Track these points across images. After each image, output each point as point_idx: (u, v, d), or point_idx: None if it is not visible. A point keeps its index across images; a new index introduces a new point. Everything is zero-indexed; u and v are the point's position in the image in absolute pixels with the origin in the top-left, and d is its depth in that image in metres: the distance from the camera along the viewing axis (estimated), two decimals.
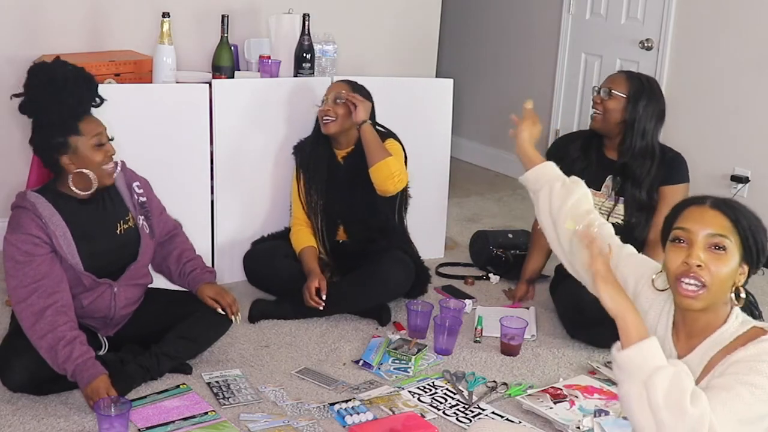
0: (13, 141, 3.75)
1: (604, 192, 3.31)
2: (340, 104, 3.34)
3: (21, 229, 2.52)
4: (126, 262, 2.73)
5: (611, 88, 3.24)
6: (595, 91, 3.30)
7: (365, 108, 3.33)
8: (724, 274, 1.69)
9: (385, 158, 3.25)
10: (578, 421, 2.61)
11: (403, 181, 3.31)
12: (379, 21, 4.58)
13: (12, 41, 3.69)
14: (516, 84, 5.70)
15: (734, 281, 1.72)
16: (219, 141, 3.51)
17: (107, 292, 2.70)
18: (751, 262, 1.72)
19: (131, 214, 2.75)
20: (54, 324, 2.49)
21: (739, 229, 1.70)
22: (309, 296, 3.24)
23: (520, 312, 3.42)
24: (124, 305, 2.76)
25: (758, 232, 1.72)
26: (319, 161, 3.46)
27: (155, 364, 2.74)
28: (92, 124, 2.58)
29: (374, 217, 3.41)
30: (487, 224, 4.61)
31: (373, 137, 3.29)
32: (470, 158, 5.96)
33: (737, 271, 1.71)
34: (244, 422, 2.57)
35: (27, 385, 2.58)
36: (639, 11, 4.82)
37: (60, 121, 2.54)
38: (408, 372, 2.95)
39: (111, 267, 2.70)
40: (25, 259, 2.50)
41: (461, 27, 6.04)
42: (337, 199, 3.44)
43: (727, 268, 1.69)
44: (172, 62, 3.46)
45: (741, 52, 4.32)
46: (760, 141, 4.29)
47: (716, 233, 1.70)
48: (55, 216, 2.55)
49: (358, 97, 3.34)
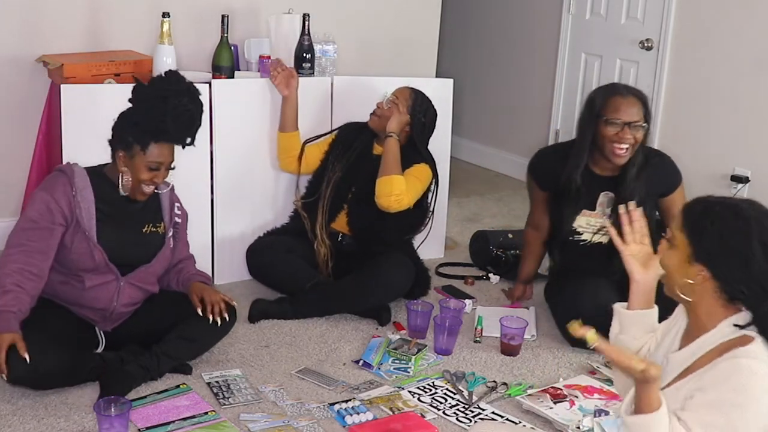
0: (14, 141, 3.74)
1: (599, 211, 3.25)
2: (389, 107, 3.42)
3: (49, 190, 2.64)
4: (139, 262, 2.77)
5: (636, 122, 3.08)
6: (619, 126, 3.08)
7: (398, 121, 3.39)
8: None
9: (392, 175, 3.28)
10: (578, 421, 2.61)
11: (401, 202, 3.31)
12: (379, 21, 4.58)
13: (12, 41, 3.69)
14: (516, 84, 5.70)
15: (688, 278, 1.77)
16: (219, 141, 3.51)
17: (113, 283, 2.72)
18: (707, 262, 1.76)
19: (163, 224, 2.83)
20: (7, 274, 2.55)
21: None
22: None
23: (520, 312, 3.43)
24: (126, 303, 2.77)
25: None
26: (357, 143, 3.51)
27: (155, 364, 2.74)
28: (162, 151, 2.68)
29: (382, 221, 3.39)
30: (487, 224, 4.61)
31: (392, 151, 3.34)
32: (470, 158, 5.96)
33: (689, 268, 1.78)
34: (244, 422, 2.57)
35: (27, 378, 2.56)
36: (639, 11, 4.82)
37: (142, 130, 2.65)
38: (408, 372, 2.95)
39: (124, 258, 2.73)
40: (36, 217, 2.61)
41: (461, 27, 6.04)
42: (353, 185, 3.45)
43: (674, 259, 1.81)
44: (172, 62, 3.46)
45: (741, 52, 4.32)
46: (760, 141, 4.29)
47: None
48: (87, 189, 2.66)
49: (400, 108, 3.40)
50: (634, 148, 3.12)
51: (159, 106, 2.63)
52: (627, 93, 3.15)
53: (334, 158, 3.52)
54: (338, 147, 3.54)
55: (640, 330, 1.97)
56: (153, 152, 2.66)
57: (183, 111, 2.66)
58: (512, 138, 5.73)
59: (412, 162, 3.40)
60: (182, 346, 2.80)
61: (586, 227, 3.27)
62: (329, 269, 3.45)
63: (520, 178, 3.63)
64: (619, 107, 3.10)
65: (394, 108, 3.41)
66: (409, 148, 3.43)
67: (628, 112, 3.08)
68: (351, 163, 3.48)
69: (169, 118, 2.62)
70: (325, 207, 3.46)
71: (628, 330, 1.97)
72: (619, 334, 2.00)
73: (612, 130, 3.10)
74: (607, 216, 3.22)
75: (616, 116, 3.09)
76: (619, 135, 3.09)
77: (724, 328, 1.73)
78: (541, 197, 3.41)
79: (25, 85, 3.71)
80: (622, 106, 3.10)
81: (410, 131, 3.46)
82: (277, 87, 3.51)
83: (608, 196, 3.23)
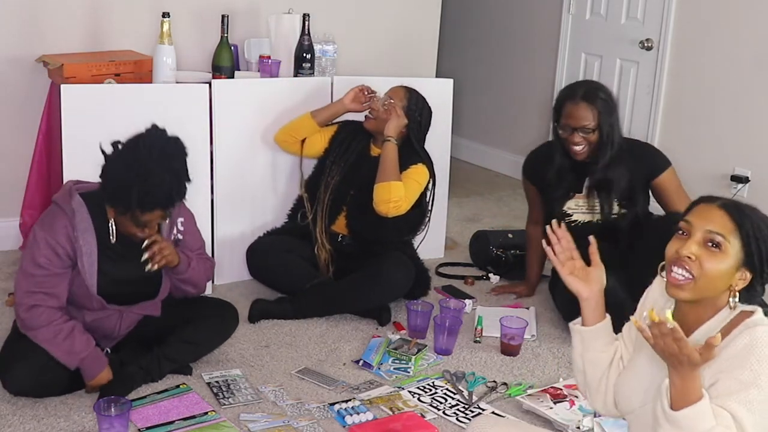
0: (14, 141, 3.74)
1: (585, 192, 3.35)
2: (385, 108, 3.41)
3: (51, 232, 2.50)
4: (142, 297, 2.72)
5: (586, 126, 3.20)
6: (569, 131, 3.22)
7: (395, 125, 3.38)
8: (714, 271, 1.70)
9: (391, 181, 3.27)
10: (578, 421, 2.62)
11: (399, 208, 3.31)
12: (379, 21, 4.58)
13: (12, 41, 3.69)
14: (516, 84, 5.70)
15: (730, 284, 1.72)
16: (219, 141, 3.51)
17: (114, 315, 2.69)
18: (753, 268, 1.72)
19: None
20: (50, 318, 2.51)
21: (741, 232, 1.70)
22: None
23: (520, 312, 3.43)
24: (128, 326, 2.76)
25: (765, 240, 1.72)
26: (354, 144, 3.50)
27: (156, 366, 2.74)
28: (149, 218, 2.49)
29: (381, 223, 3.39)
30: (487, 224, 4.61)
31: (390, 157, 3.33)
32: (470, 158, 5.96)
33: (734, 274, 1.71)
34: (244, 422, 2.57)
35: (28, 389, 2.58)
36: (639, 11, 4.82)
37: (123, 202, 2.47)
38: (408, 372, 2.95)
39: (127, 297, 2.68)
40: (45, 263, 2.49)
41: (461, 27, 6.04)
42: (352, 188, 3.45)
43: (720, 266, 1.70)
44: (172, 62, 3.46)
45: (741, 52, 4.32)
46: (760, 141, 4.29)
47: (715, 231, 1.71)
48: (88, 233, 2.52)
49: (398, 111, 3.39)
50: (591, 146, 3.23)
51: (132, 184, 2.40)
52: (578, 99, 3.22)
53: (332, 161, 3.50)
54: (336, 148, 3.52)
55: (602, 342, 1.95)
56: (142, 218, 2.49)
57: (160, 185, 2.43)
58: (512, 138, 5.73)
59: (410, 163, 3.40)
60: (184, 349, 2.80)
61: (575, 209, 3.37)
62: (330, 273, 3.45)
63: (519, 177, 3.65)
64: (569, 113, 3.24)
65: (392, 110, 3.39)
66: (405, 147, 3.42)
67: (577, 117, 3.21)
68: (349, 166, 3.47)
69: (148, 195, 2.42)
70: (324, 212, 3.45)
71: (593, 345, 1.95)
72: (585, 353, 1.96)
73: (564, 134, 3.26)
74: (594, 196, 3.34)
75: (565, 122, 3.24)
76: (569, 138, 3.24)
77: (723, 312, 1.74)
78: (534, 193, 3.54)
79: (25, 85, 3.71)
80: (573, 112, 3.22)
81: (407, 132, 3.45)
82: (349, 93, 3.49)
83: (593, 179, 3.33)
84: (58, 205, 2.55)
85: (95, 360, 2.59)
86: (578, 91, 3.26)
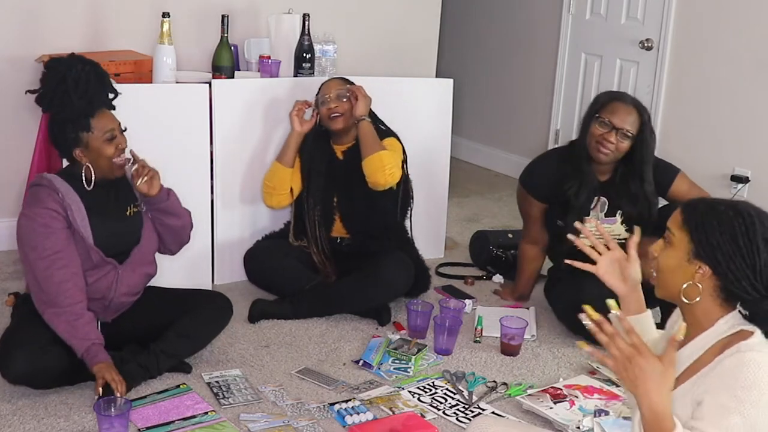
0: (14, 141, 3.74)
1: (593, 215, 3.26)
2: (344, 101, 3.38)
3: (39, 203, 2.62)
4: (131, 245, 2.79)
5: (627, 130, 3.14)
6: (608, 128, 3.14)
7: (366, 103, 3.38)
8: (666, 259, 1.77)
9: (378, 151, 3.27)
10: (578, 421, 2.62)
11: (394, 175, 3.31)
12: (379, 21, 4.58)
13: (12, 41, 3.69)
14: (516, 84, 5.70)
15: (690, 280, 1.73)
16: (219, 141, 3.51)
17: (111, 273, 2.73)
18: (708, 261, 1.72)
19: (139, 202, 2.83)
20: (74, 299, 2.59)
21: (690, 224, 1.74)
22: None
23: (520, 312, 3.43)
24: (125, 291, 2.78)
25: (712, 229, 1.71)
26: (320, 155, 3.47)
27: (154, 362, 2.75)
28: (104, 120, 2.68)
29: (373, 212, 3.41)
30: (487, 224, 4.61)
31: (369, 132, 3.34)
32: (470, 158, 5.96)
33: (687, 267, 1.73)
34: (244, 422, 2.57)
35: (27, 376, 2.58)
36: (639, 11, 4.82)
37: (73, 118, 2.65)
38: (408, 372, 2.95)
39: (118, 247, 2.74)
40: (44, 231, 2.59)
41: (461, 27, 6.04)
42: (335, 194, 3.45)
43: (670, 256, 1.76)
44: (172, 62, 3.46)
45: (741, 52, 4.32)
46: (760, 141, 4.28)
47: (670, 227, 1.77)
48: (71, 192, 2.66)
49: (362, 91, 3.38)
50: (618, 154, 3.17)
51: (63, 90, 2.62)
52: (629, 102, 3.20)
53: (306, 190, 3.45)
54: (306, 165, 3.46)
55: (641, 333, 1.96)
56: (98, 125, 2.65)
57: (81, 77, 2.64)
58: (512, 138, 5.73)
59: (382, 138, 3.39)
60: (179, 343, 2.81)
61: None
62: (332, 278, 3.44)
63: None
64: (616, 110, 3.16)
65: (353, 96, 3.37)
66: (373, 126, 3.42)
67: (622, 118, 3.14)
68: (323, 177, 3.44)
69: (79, 91, 2.62)
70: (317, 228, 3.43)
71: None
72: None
73: (600, 130, 3.15)
74: (600, 220, 3.26)
75: (609, 118, 3.15)
76: (604, 136, 3.15)
77: (722, 325, 1.73)
78: (538, 210, 3.41)
79: (25, 85, 3.69)
80: (620, 111, 3.16)
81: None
82: (293, 119, 3.42)
83: (601, 200, 3.27)
84: (34, 185, 2.70)
85: (100, 349, 2.61)
86: (628, 97, 3.23)
